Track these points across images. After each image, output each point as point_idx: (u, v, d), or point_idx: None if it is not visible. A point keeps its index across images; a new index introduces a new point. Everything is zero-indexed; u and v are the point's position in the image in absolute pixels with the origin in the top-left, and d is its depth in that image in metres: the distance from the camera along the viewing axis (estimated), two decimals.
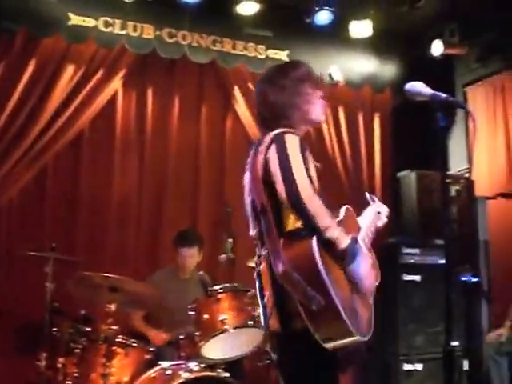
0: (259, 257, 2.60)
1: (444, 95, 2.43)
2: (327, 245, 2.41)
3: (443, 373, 2.33)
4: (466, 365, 5.37)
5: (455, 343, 5.20)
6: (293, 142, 2.55)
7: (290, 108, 2.69)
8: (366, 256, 2.60)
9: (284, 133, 2.59)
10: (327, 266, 2.38)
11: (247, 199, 2.76)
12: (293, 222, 2.52)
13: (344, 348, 2.46)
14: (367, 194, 3.18)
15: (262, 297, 2.55)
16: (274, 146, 2.54)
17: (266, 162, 2.54)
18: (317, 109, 2.79)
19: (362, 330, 2.50)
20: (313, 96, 2.78)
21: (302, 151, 2.55)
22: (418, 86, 2.51)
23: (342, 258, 2.44)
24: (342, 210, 2.81)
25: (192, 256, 4.92)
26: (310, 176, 2.52)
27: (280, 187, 2.45)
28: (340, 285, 2.44)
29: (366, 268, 2.52)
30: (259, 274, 2.58)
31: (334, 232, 2.41)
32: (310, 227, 2.42)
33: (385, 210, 3.08)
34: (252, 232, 2.68)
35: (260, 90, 2.78)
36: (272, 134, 2.58)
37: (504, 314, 5.56)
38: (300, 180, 2.44)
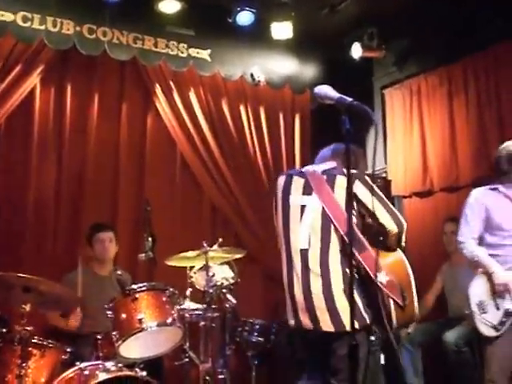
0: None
1: (349, 99, 2.51)
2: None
3: (348, 369, 2.41)
4: (382, 359, 5.54)
5: (371, 338, 5.39)
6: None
7: None
8: None
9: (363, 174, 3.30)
10: None
11: (313, 217, 3.28)
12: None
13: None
14: None
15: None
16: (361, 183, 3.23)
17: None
18: None
19: None
20: None
21: None
22: (325, 90, 2.59)
23: None
24: None
25: (111, 240, 4.92)
26: None
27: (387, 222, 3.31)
28: None
29: None
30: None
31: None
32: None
33: None
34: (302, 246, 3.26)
35: None
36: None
37: None
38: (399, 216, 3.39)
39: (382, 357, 5.51)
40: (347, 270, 3.07)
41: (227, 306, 4.80)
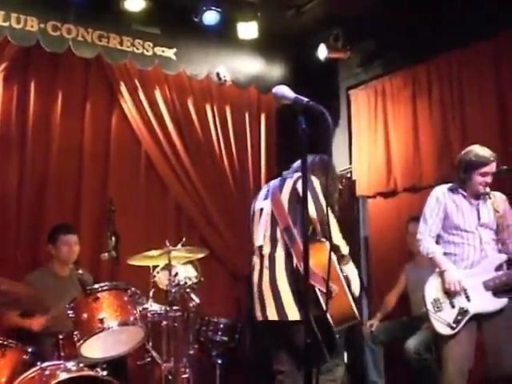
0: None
1: (305, 99, 2.53)
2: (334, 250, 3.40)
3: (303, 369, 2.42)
4: (345, 357, 5.59)
5: (336, 335, 5.42)
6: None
7: None
8: None
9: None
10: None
11: (266, 219, 3.64)
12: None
13: None
14: None
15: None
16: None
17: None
18: None
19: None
20: None
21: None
22: (282, 90, 2.61)
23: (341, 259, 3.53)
24: None
25: (76, 243, 4.90)
26: None
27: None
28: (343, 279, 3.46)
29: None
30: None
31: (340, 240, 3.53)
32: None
33: None
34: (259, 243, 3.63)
35: None
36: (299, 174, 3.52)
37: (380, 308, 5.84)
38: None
39: (346, 355, 5.59)
40: (290, 265, 3.46)
41: (191, 305, 4.80)
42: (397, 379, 5.60)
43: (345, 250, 3.59)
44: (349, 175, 6.57)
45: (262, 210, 3.68)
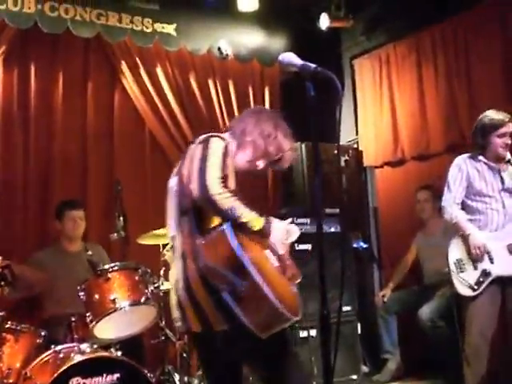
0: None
1: (313, 65, 2.48)
2: (244, 229, 2.51)
3: (320, 337, 2.40)
4: (358, 328, 5.60)
5: (347, 308, 5.39)
6: (217, 145, 2.67)
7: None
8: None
9: (212, 136, 2.72)
10: (246, 249, 2.47)
11: (172, 201, 2.82)
12: (212, 221, 2.61)
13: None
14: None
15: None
16: (199, 147, 2.67)
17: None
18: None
19: (293, 310, 2.57)
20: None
21: (225, 155, 2.64)
22: (289, 57, 2.55)
23: (262, 236, 2.58)
24: None
25: (82, 218, 4.90)
26: (224, 177, 2.57)
27: (193, 186, 2.56)
28: (266, 268, 2.53)
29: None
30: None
31: (248, 216, 2.53)
32: (226, 219, 2.51)
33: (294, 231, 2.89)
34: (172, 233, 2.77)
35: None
36: (202, 136, 2.73)
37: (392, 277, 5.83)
38: (210, 178, 2.53)
39: (359, 326, 5.60)
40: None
41: None
42: (411, 349, 5.59)
43: (257, 222, 2.55)
44: (355, 146, 6.52)
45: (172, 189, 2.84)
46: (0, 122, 5.31)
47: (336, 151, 5.91)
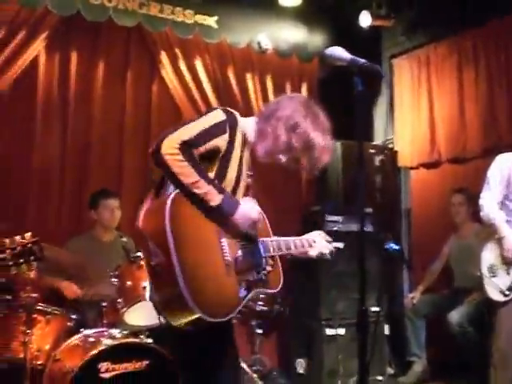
0: None
1: (363, 60, 2.46)
2: (197, 202, 2.34)
3: (358, 335, 2.39)
4: (386, 329, 5.57)
5: (376, 309, 5.37)
6: (214, 114, 2.54)
7: None
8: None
9: (219, 108, 2.60)
10: (183, 225, 2.29)
11: None
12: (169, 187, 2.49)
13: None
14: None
15: None
16: None
17: None
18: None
19: (212, 308, 2.33)
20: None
21: (216, 128, 2.48)
22: (338, 51, 2.54)
23: (218, 215, 2.39)
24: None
25: (118, 208, 4.90)
26: (195, 144, 2.39)
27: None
28: (199, 250, 2.34)
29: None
30: None
31: (203, 188, 2.32)
32: (176, 185, 2.33)
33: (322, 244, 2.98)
34: None
35: None
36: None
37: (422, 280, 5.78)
38: (171, 137, 2.35)
39: (387, 327, 5.57)
40: None
41: None
42: (439, 353, 5.55)
43: (213, 198, 2.37)
44: (390, 146, 6.47)
45: None
46: (40, 108, 5.37)
47: (372, 150, 5.89)
